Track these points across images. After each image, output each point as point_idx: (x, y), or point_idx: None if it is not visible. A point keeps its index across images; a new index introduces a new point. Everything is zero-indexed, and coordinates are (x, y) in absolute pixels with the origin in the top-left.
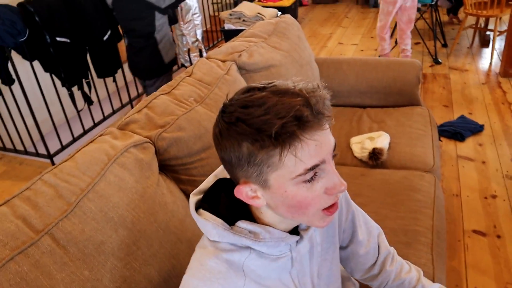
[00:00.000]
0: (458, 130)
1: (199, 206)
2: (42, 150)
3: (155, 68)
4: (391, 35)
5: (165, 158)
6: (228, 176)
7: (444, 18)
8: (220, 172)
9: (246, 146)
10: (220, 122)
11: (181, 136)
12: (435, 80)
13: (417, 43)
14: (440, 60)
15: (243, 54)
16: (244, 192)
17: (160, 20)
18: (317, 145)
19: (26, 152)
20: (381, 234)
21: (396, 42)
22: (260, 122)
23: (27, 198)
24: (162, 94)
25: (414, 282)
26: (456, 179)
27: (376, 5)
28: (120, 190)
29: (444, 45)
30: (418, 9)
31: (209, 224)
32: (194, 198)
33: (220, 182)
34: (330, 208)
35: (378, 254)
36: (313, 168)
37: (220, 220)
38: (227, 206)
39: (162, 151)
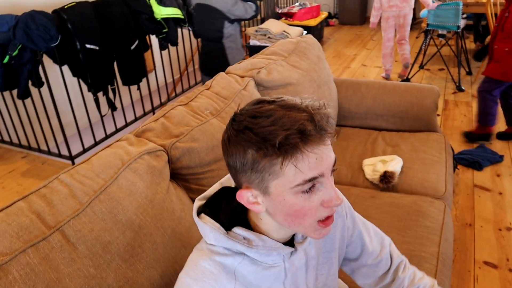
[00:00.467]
0: (476, 159)
1: (201, 211)
2: (64, 151)
3: (222, 70)
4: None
5: (177, 167)
6: (233, 185)
7: (471, 46)
8: (226, 180)
9: (251, 153)
10: (230, 129)
11: (194, 146)
12: (456, 107)
13: (441, 69)
14: (463, 88)
15: (261, 71)
16: (246, 197)
17: (229, 28)
18: (318, 158)
19: (49, 153)
20: (392, 244)
21: (420, 67)
22: (266, 132)
23: (43, 195)
24: (180, 105)
25: None
26: (470, 209)
27: (410, 29)
28: (130, 194)
29: (469, 73)
30: (443, 36)
31: (207, 228)
32: (198, 202)
33: (224, 190)
34: (326, 221)
35: (391, 263)
36: (311, 180)
37: (217, 225)
38: (227, 213)
39: (175, 160)
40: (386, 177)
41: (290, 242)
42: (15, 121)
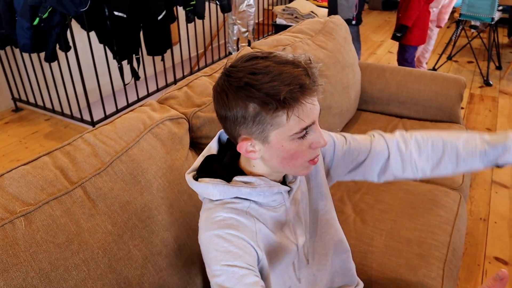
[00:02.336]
0: None
1: (196, 178)
2: (86, 116)
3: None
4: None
5: (197, 136)
6: (214, 152)
7: (504, 40)
8: (206, 151)
9: (253, 107)
10: (226, 84)
11: (215, 117)
12: (482, 101)
13: (469, 62)
14: (491, 82)
15: (287, 48)
16: (245, 147)
17: None
18: (311, 108)
19: (72, 117)
20: (381, 132)
21: (448, 58)
22: (268, 87)
23: (67, 152)
24: (204, 75)
25: (438, 149)
26: (486, 204)
27: None
28: (150, 157)
29: (498, 68)
30: (476, 27)
31: (210, 185)
32: (189, 175)
33: (208, 159)
34: (314, 159)
35: (388, 147)
36: (307, 127)
37: (218, 179)
38: (221, 170)
39: (195, 129)
40: None
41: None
42: (40, 84)
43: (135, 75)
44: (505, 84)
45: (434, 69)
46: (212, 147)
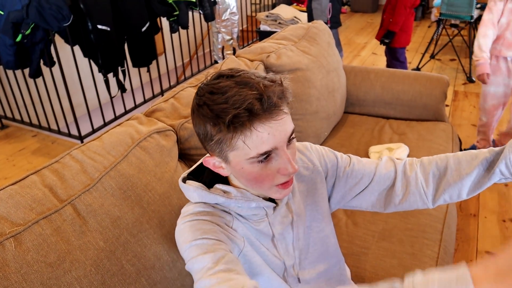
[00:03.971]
0: None
1: (186, 179)
2: (74, 131)
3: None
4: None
5: (186, 147)
6: None
7: None
8: (207, 155)
9: (209, 127)
10: (194, 102)
11: None
12: (466, 98)
13: (452, 60)
14: (474, 79)
15: (271, 56)
16: (211, 162)
17: None
18: (270, 133)
19: (59, 132)
20: (392, 157)
21: (431, 56)
22: (219, 109)
23: (55, 170)
24: (189, 86)
25: (442, 165)
26: (475, 199)
27: (423, 17)
28: (140, 171)
29: None
30: (456, 26)
31: (191, 188)
32: (183, 175)
33: None
34: (284, 184)
35: (395, 172)
36: (265, 154)
37: (199, 183)
38: (208, 175)
39: (183, 140)
40: None
41: (272, 200)
42: (26, 100)
43: (121, 87)
44: None
45: (417, 68)
46: None
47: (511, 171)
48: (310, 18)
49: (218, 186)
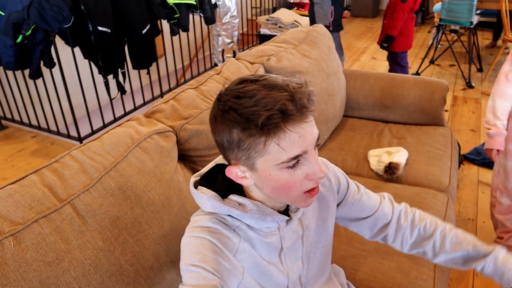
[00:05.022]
0: (489, 159)
1: (198, 184)
2: (73, 132)
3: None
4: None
5: (185, 148)
6: (226, 162)
7: (484, 42)
8: (220, 159)
9: (236, 132)
10: (216, 108)
11: (202, 129)
12: (465, 103)
13: (451, 65)
14: (473, 84)
15: (271, 58)
16: (234, 172)
17: None
18: (300, 136)
19: (58, 133)
20: (391, 197)
21: (430, 62)
22: (249, 112)
23: (55, 170)
24: (190, 88)
25: (430, 229)
26: (474, 204)
27: (423, 23)
28: (139, 172)
29: (480, 70)
30: (456, 31)
31: (204, 197)
32: (193, 178)
33: (218, 166)
34: (311, 191)
35: (392, 214)
36: (295, 157)
37: (213, 193)
38: (222, 183)
39: (183, 141)
40: (391, 168)
41: (285, 212)
42: (25, 101)
43: (121, 89)
44: (487, 86)
45: (417, 73)
46: None
47: (485, 274)
48: (312, 22)
49: (233, 197)
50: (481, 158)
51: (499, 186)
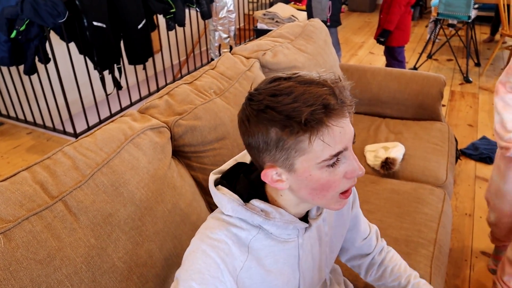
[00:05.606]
0: (486, 153)
1: (218, 182)
2: (69, 128)
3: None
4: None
5: (179, 144)
6: (248, 161)
7: (482, 36)
8: (241, 157)
9: (275, 131)
10: (248, 109)
11: (197, 124)
12: (463, 98)
13: (449, 60)
14: (470, 79)
15: (267, 53)
16: (270, 175)
17: None
18: (341, 132)
19: (54, 129)
20: (378, 231)
21: (428, 56)
22: (289, 109)
23: (46, 166)
24: (184, 83)
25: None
26: (471, 199)
27: (420, 17)
28: (132, 168)
29: (477, 64)
30: (453, 26)
31: (225, 199)
32: (213, 176)
33: (239, 165)
34: (346, 192)
35: (375, 246)
36: (337, 154)
37: (235, 196)
38: (244, 185)
39: (177, 137)
40: (388, 163)
41: (304, 219)
42: (21, 97)
43: (117, 85)
44: (484, 81)
45: (415, 68)
46: (247, 155)
47: None
48: (310, 17)
49: (256, 203)
50: (478, 153)
51: (489, 200)
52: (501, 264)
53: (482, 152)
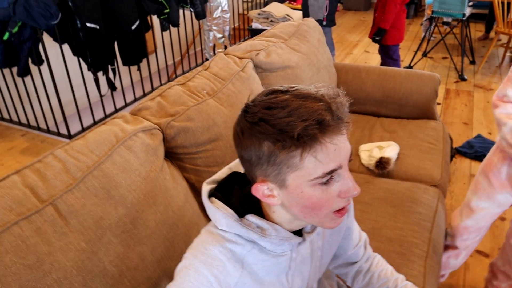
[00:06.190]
0: (481, 151)
1: (211, 194)
2: (63, 130)
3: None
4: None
5: (172, 146)
6: (242, 170)
7: (476, 34)
8: (235, 166)
9: (268, 145)
10: (242, 121)
11: (190, 126)
12: (458, 96)
13: (444, 58)
14: (465, 77)
15: (260, 53)
16: (261, 190)
17: None
18: (336, 149)
19: (48, 131)
20: (367, 239)
21: (423, 54)
22: (283, 123)
23: (37, 170)
24: (177, 84)
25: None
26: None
27: (415, 15)
28: (124, 171)
29: (472, 62)
30: (448, 23)
31: (220, 213)
32: (207, 186)
33: (234, 175)
34: (341, 210)
35: (363, 254)
36: (331, 172)
37: (230, 211)
38: (239, 198)
39: (170, 139)
40: (382, 163)
41: (298, 232)
42: (14, 99)
43: (111, 86)
44: (479, 78)
45: (410, 66)
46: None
47: None
48: (306, 15)
49: (251, 218)
50: (473, 151)
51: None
52: (490, 266)
53: (477, 150)
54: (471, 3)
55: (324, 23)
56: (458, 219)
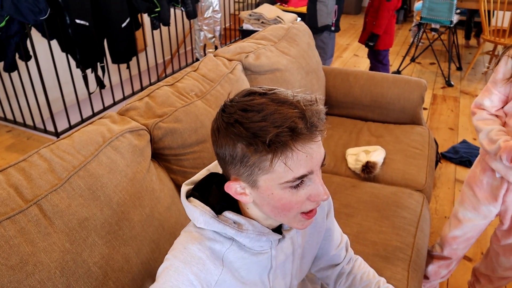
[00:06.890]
0: (466, 156)
1: (190, 194)
2: (50, 127)
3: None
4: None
5: (159, 147)
6: (221, 171)
7: (463, 41)
8: (213, 167)
9: (241, 147)
10: (219, 120)
11: (177, 127)
12: (444, 102)
13: (432, 63)
14: (452, 83)
15: (250, 55)
16: (234, 188)
17: None
18: (308, 156)
19: (35, 128)
20: (348, 241)
21: (411, 60)
22: (257, 127)
23: (22, 169)
24: (165, 85)
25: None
26: (451, 202)
27: (405, 20)
28: (110, 171)
29: (459, 68)
30: (436, 30)
31: (197, 211)
32: (185, 187)
33: (212, 175)
34: (309, 213)
35: (345, 256)
36: (301, 177)
37: (207, 208)
38: (217, 197)
39: (157, 140)
40: (368, 167)
41: (277, 230)
42: (1, 94)
43: (100, 83)
44: (465, 85)
45: (398, 71)
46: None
47: None
48: (313, 20)
49: (228, 214)
50: (459, 156)
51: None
52: (473, 271)
53: (462, 155)
54: (458, 11)
55: (332, 28)
56: (447, 229)
